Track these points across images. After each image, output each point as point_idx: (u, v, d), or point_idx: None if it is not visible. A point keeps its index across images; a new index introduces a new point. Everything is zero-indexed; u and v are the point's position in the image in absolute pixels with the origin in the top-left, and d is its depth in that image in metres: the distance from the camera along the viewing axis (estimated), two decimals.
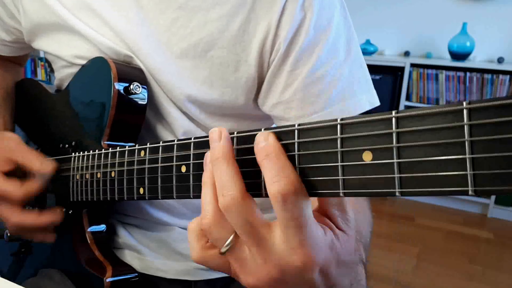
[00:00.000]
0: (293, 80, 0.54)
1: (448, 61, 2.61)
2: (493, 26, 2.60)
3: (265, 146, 0.30)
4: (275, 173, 0.28)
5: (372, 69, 2.81)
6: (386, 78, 2.72)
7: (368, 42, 2.87)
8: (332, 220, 0.33)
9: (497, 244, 2.29)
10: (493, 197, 2.54)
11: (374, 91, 0.57)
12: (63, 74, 0.64)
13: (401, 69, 2.70)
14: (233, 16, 0.53)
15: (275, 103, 0.56)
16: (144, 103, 0.55)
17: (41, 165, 0.57)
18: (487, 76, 2.52)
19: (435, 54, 2.76)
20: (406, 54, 2.81)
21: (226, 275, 0.63)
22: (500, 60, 2.51)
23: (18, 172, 0.59)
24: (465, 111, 0.22)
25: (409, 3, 2.80)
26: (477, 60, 2.65)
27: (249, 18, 0.53)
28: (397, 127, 0.25)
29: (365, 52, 2.83)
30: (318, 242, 0.30)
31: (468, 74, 2.56)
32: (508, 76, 2.46)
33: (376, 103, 0.57)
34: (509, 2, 2.54)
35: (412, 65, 2.68)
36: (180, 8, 0.54)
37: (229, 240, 0.32)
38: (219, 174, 0.31)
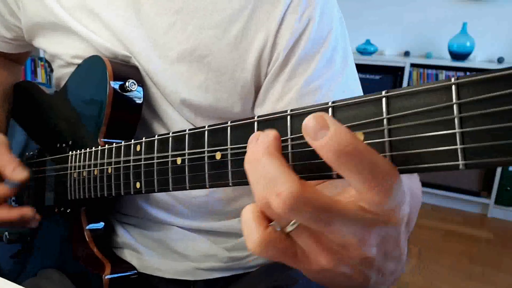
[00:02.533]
0: (288, 90, 0.53)
1: (448, 61, 2.61)
2: (493, 26, 2.60)
3: (331, 138, 0.23)
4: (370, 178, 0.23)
5: (372, 69, 2.81)
6: (386, 78, 2.72)
7: (368, 42, 2.87)
8: None
9: (497, 244, 2.29)
10: (493, 197, 2.54)
11: None
12: (61, 74, 0.64)
13: (401, 69, 2.70)
14: (230, 23, 0.53)
15: (270, 111, 0.55)
16: (140, 100, 0.56)
17: (11, 172, 0.57)
18: None
19: (435, 54, 2.76)
20: (406, 54, 2.81)
21: (226, 275, 0.64)
22: (500, 60, 2.51)
23: None
24: (453, 87, 0.23)
25: (409, 3, 2.80)
26: (477, 60, 2.65)
27: (247, 26, 0.53)
28: (387, 106, 0.25)
29: (365, 52, 2.83)
30: (405, 194, 0.26)
31: (468, 74, 2.55)
32: None
33: None
34: (509, 2, 2.54)
35: (412, 65, 2.68)
36: (178, 12, 0.54)
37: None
38: (265, 172, 0.26)
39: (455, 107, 0.22)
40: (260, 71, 0.54)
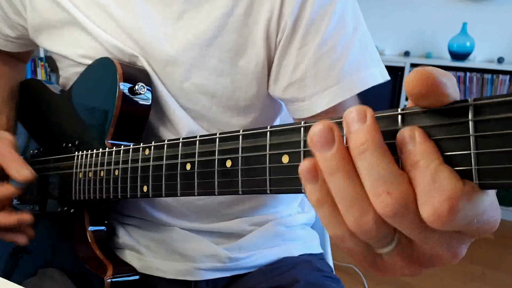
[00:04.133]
0: (303, 57, 0.53)
1: (448, 61, 2.61)
2: (493, 26, 2.60)
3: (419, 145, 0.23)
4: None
5: None
6: None
7: None
8: None
9: (497, 244, 2.29)
10: None
11: (384, 66, 0.56)
12: (68, 73, 0.64)
13: (401, 69, 2.70)
14: (236, 0, 0.53)
15: (286, 85, 0.55)
16: (149, 103, 0.56)
17: (17, 172, 0.57)
18: (487, 76, 2.52)
19: (435, 54, 2.76)
20: (406, 54, 2.81)
21: (227, 275, 0.64)
22: (500, 60, 2.51)
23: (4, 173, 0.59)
24: (470, 108, 0.22)
25: (409, 3, 2.80)
26: (477, 60, 2.65)
27: (252, 1, 0.53)
28: (402, 122, 0.25)
29: None
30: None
31: (468, 74, 2.56)
32: (508, 76, 2.46)
33: (387, 76, 0.56)
34: (509, 2, 2.54)
35: (412, 65, 2.68)
36: (186, 1, 0.54)
37: (393, 244, 0.25)
38: (373, 167, 0.23)
39: (471, 125, 0.22)
40: (270, 43, 0.54)
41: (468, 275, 1.96)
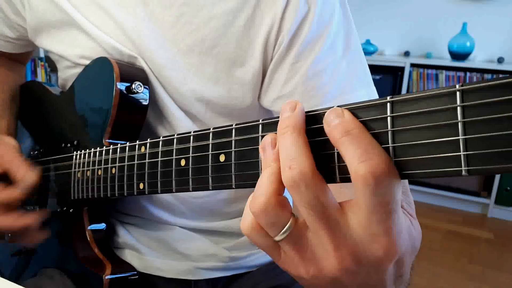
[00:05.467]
0: (294, 73, 0.54)
1: (448, 61, 2.61)
2: (493, 26, 2.60)
3: (342, 122, 0.26)
4: (363, 151, 0.25)
5: (372, 69, 2.79)
6: (386, 78, 2.72)
7: (368, 42, 2.87)
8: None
9: (497, 244, 2.29)
10: (493, 197, 2.54)
11: (374, 87, 0.57)
12: (67, 74, 0.64)
13: (401, 69, 2.70)
14: (238, 11, 0.53)
15: (275, 97, 0.56)
16: (146, 102, 0.56)
17: (23, 175, 0.57)
18: (487, 76, 2.52)
19: (435, 54, 2.76)
20: (406, 54, 2.81)
21: (228, 274, 0.64)
22: (500, 60, 2.51)
23: (8, 178, 0.59)
24: (458, 93, 0.23)
25: (409, 3, 2.80)
26: (477, 60, 2.65)
27: (254, 14, 0.53)
28: (391, 111, 0.25)
29: (365, 52, 2.83)
30: (403, 229, 0.27)
31: (468, 74, 2.56)
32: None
33: (375, 97, 0.57)
34: (509, 2, 2.54)
35: (412, 65, 2.68)
36: (185, 4, 0.54)
37: (287, 225, 0.28)
38: (288, 145, 0.27)
39: (459, 110, 0.22)
40: (266, 55, 0.55)
41: (467, 275, 1.96)
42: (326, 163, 0.28)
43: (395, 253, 0.27)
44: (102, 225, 0.60)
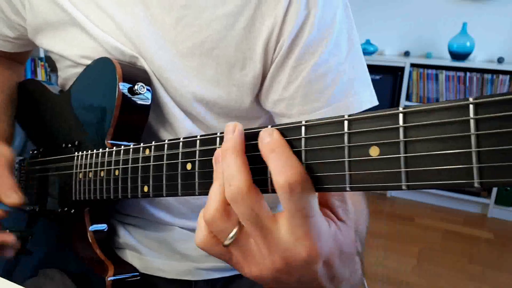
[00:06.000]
0: (296, 76, 0.54)
1: (448, 61, 2.61)
2: (493, 26, 2.60)
3: (270, 141, 0.30)
4: (282, 164, 0.29)
5: (372, 69, 2.81)
6: (386, 78, 2.72)
7: (368, 42, 2.87)
8: (333, 211, 0.34)
9: (497, 244, 2.29)
10: (493, 197, 2.54)
11: (373, 90, 0.58)
12: (67, 74, 0.64)
13: (401, 69, 2.70)
14: (238, 14, 0.53)
15: (277, 99, 0.56)
16: (148, 103, 0.56)
17: (6, 197, 0.58)
18: (487, 76, 2.52)
19: (435, 54, 2.76)
20: (406, 54, 2.81)
21: (227, 275, 0.64)
22: (500, 60, 2.51)
23: None
24: (471, 106, 0.23)
25: (409, 3, 2.80)
26: (477, 60, 2.65)
27: (255, 16, 0.53)
28: (404, 122, 0.25)
29: (365, 52, 2.83)
30: (323, 233, 0.30)
31: (468, 74, 2.56)
32: (508, 76, 2.46)
33: (375, 102, 0.57)
34: (509, 2, 2.54)
35: (412, 65, 2.68)
36: (185, 7, 0.54)
37: (233, 232, 0.32)
38: (227, 165, 0.31)
39: (471, 124, 0.23)
40: (267, 58, 0.54)
41: (467, 275, 1.96)
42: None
43: (317, 254, 0.30)
44: (104, 226, 0.60)
